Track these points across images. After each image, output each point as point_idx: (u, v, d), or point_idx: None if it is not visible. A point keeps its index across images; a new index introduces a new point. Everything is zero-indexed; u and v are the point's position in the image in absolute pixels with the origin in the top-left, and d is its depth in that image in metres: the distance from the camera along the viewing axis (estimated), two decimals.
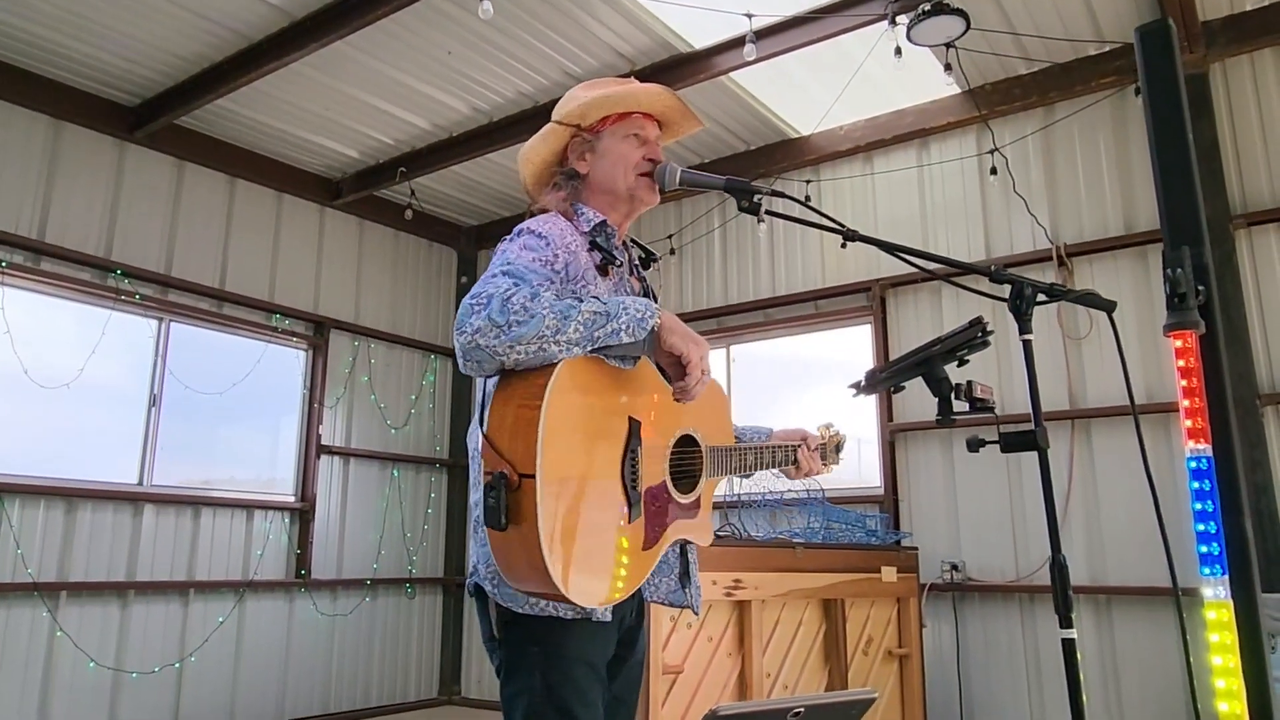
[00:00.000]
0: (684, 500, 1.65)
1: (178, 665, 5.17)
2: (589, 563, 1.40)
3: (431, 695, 6.60)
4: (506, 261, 1.52)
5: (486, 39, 4.64)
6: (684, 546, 1.75)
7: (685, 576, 1.74)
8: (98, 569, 4.92)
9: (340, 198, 6.32)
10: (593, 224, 1.72)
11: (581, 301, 1.42)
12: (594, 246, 1.68)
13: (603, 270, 1.67)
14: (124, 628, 4.98)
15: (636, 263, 1.86)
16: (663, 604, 1.72)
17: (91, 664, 4.79)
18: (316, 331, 6.23)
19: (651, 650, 3.09)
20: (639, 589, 1.59)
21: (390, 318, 6.76)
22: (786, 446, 1.95)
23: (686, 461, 1.67)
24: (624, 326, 1.43)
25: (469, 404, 7.04)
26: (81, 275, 5.05)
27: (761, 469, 1.92)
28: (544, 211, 1.73)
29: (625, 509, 1.48)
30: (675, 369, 1.53)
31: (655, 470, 1.57)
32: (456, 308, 7.15)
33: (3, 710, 4.47)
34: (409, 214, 6.39)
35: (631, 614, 1.69)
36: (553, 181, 1.79)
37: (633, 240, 1.87)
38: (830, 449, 2.07)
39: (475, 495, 1.56)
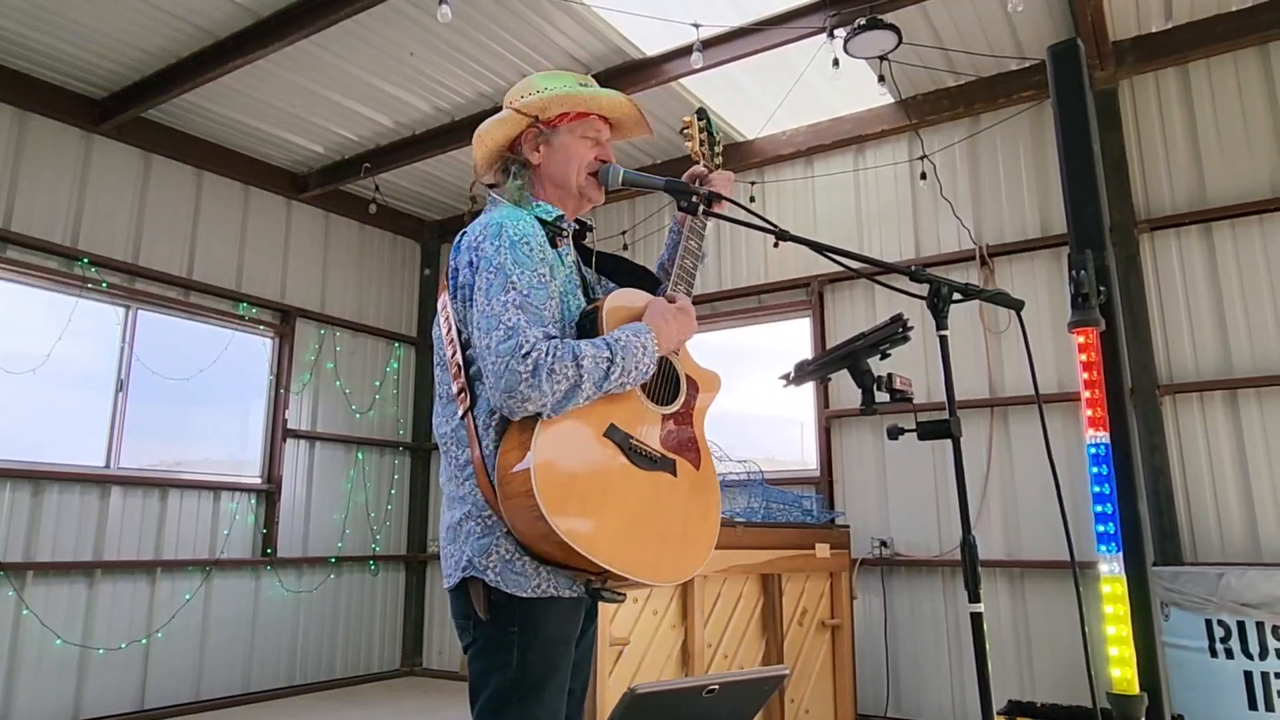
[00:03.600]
0: (680, 404, 1.66)
1: (145, 641, 5.04)
2: (683, 550, 1.58)
3: (394, 667, 6.54)
4: (509, 283, 1.49)
5: (447, 41, 4.56)
6: None
7: None
8: (64, 549, 4.77)
9: (306, 191, 6.18)
10: (553, 215, 1.69)
11: (611, 365, 1.48)
12: (541, 223, 1.65)
13: (551, 243, 1.64)
14: (91, 606, 4.84)
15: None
16: None
17: (59, 641, 4.65)
18: (283, 320, 6.09)
19: (600, 623, 3.09)
20: None
21: (355, 307, 6.64)
22: (689, 231, 1.82)
23: (668, 374, 1.67)
24: (634, 379, 1.53)
25: (431, 389, 6.95)
26: (48, 263, 4.87)
27: (695, 258, 1.80)
28: (494, 189, 1.73)
29: (666, 475, 1.58)
30: None
31: (650, 422, 1.60)
32: (420, 298, 7.13)
33: None
34: (373, 208, 6.28)
35: None
36: (505, 167, 1.75)
37: None
38: (702, 150, 1.94)
39: (455, 489, 1.55)
